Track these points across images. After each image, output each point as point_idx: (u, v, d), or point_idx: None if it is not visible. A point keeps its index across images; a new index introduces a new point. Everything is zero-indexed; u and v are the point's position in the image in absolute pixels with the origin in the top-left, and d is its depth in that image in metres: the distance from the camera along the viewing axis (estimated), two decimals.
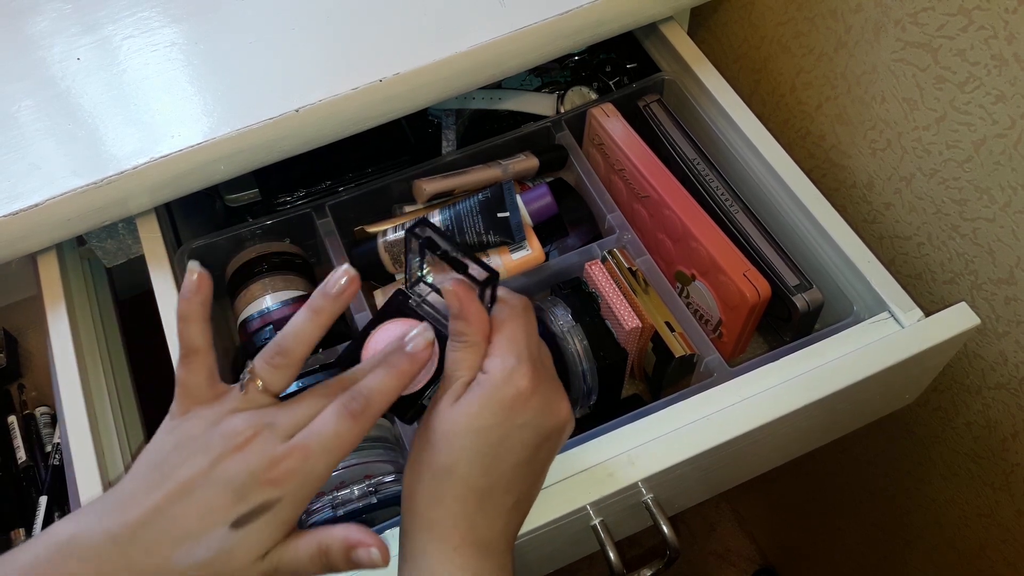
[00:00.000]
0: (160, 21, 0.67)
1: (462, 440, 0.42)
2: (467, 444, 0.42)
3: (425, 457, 0.43)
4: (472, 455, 0.42)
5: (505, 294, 0.46)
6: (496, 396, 0.42)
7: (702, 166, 0.68)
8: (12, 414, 0.74)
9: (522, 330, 0.44)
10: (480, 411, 0.42)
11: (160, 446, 0.40)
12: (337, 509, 0.55)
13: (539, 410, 0.43)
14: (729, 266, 0.60)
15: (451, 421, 0.42)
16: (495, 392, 0.42)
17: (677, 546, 0.54)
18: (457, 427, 0.42)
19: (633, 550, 1.31)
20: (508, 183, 0.65)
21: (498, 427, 0.42)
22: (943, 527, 0.85)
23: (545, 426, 0.44)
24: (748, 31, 0.76)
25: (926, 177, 0.62)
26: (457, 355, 0.44)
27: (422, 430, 0.44)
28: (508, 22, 0.64)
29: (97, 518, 0.38)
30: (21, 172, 0.59)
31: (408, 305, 0.49)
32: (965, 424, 0.72)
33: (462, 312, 0.44)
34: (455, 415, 0.42)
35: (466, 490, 0.42)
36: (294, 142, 0.62)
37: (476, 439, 0.42)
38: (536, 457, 0.45)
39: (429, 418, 0.44)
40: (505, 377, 0.42)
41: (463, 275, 0.45)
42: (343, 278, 0.42)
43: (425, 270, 0.49)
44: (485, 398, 0.42)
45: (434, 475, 0.42)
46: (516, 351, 0.43)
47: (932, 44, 0.57)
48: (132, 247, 0.69)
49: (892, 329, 0.57)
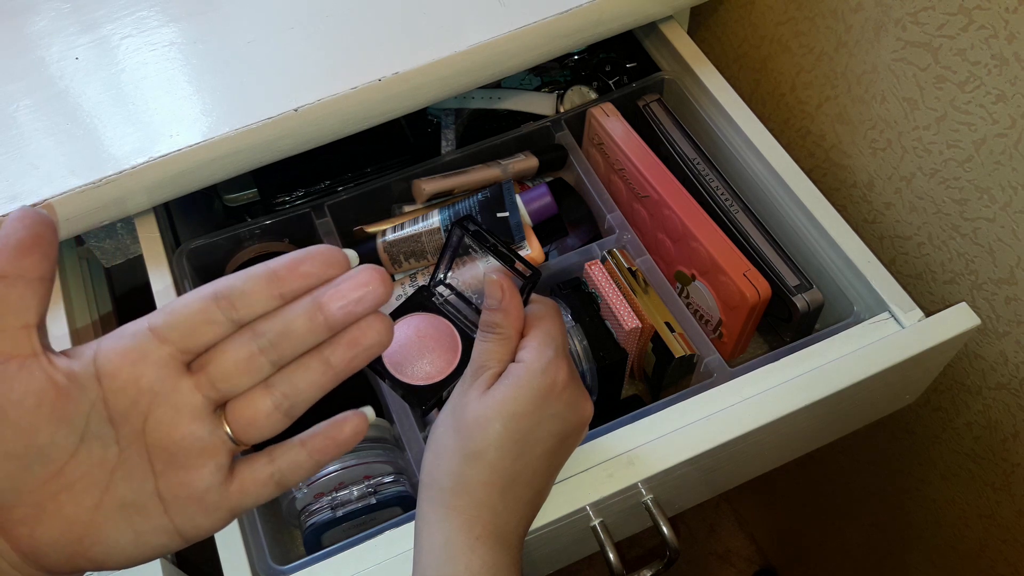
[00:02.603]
0: (159, 20, 0.67)
1: (495, 425, 0.42)
2: (500, 429, 0.42)
3: (451, 443, 0.43)
4: (504, 440, 0.42)
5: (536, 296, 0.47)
6: (533, 384, 0.43)
7: (702, 166, 0.68)
8: None
9: (558, 327, 0.45)
10: (517, 397, 0.43)
11: None
12: (336, 510, 0.55)
13: (570, 404, 0.44)
14: (729, 266, 0.60)
15: (485, 407, 0.43)
16: (532, 380, 0.43)
17: (677, 546, 0.54)
18: (491, 412, 0.42)
19: (633, 550, 1.31)
20: (508, 183, 0.65)
21: (532, 414, 0.43)
22: (943, 527, 0.85)
23: (572, 420, 0.45)
24: (748, 30, 0.76)
25: (926, 177, 0.62)
26: (489, 346, 0.44)
27: (448, 419, 0.44)
28: (508, 21, 0.63)
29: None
30: (19, 171, 0.59)
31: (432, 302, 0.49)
32: (965, 424, 0.72)
33: (503, 303, 0.44)
34: (489, 401, 0.43)
35: (493, 476, 0.43)
36: (293, 142, 0.62)
37: (510, 424, 0.42)
38: (559, 451, 0.45)
39: (457, 407, 0.44)
40: (543, 367, 0.43)
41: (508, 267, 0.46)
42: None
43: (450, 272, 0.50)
44: (522, 386, 0.43)
45: (464, 459, 0.43)
46: (554, 344, 0.44)
47: (932, 43, 0.57)
48: (131, 247, 0.69)
49: (892, 329, 0.57)
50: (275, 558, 0.52)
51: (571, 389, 0.44)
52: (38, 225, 0.31)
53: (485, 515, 0.43)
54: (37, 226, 0.31)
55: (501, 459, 0.42)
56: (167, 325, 0.32)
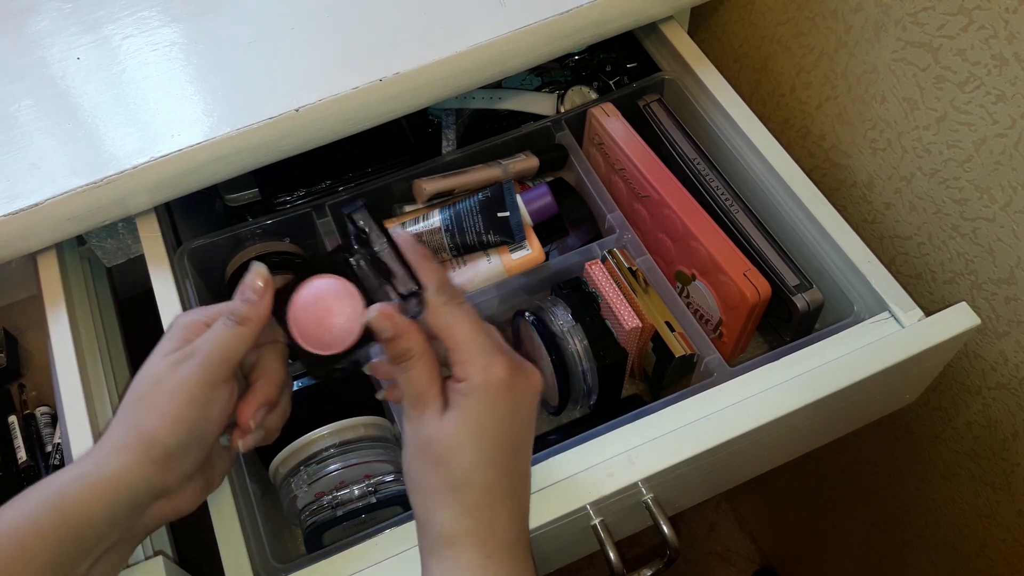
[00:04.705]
0: (160, 20, 0.67)
1: (467, 449, 0.42)
2: (474, 450, 0.42)
3: (434, 478, 0.43)
4: (482, 459, 0.42)
5: (430, 296, 0.44)
6: (486, 397, 0.42)
7: (702, 166, 0.68)
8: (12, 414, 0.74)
9: (470, 324, 0.44)
10: (478, 415, 0.42)
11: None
12: (337, 509, 0.55)
13: (523, 389, 0.44)
14: (729, 266, 0.60)
15: (451, 434, 0.42)
16: (483, 394, 0.42)
17: (677, 546, 0.54)
18: (459, 437, 0.42)
19: (633, 550, 1.31)
20: (508, 183, 0.65)
21: (499, 424, 0.43)
22: (943, 527, 0.85)
23: (532, 401, 0.45)
24: (748, 31, 0.76)
25: (926, 177, 0.62)
26: (412, 373, 0.44)
27: (417, 456, 0.44)
28: (508, 22, 0.64)
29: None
30: (21, 171, 0.59)
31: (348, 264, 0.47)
32: (965, 424, 0.72)
33: (397, 330, 0.43)
34: (452, 428, 0.42)
35: (485, 495, 0.42)
36: (294, 142, 0.62)
37: (481, 442, 0.42)
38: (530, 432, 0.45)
39: (420, 441, 0.43)
40: (485, 377, 0.42)
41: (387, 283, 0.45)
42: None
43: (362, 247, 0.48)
44: (477, 403, 0.42)
45: (452, 492, 0.42)
46: (478, 347, 0.43)
47: (932, 44, 0.57)
48: (132, 247, 0.69)
49: (892, 329, 0.57)
50: (276, 557, 0.52)
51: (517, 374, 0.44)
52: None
53: (488, 532, 0.43)
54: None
55: (486, 477, 0.42)
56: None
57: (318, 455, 0.56)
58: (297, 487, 0.56)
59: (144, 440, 0.43)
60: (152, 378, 0.44)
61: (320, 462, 0.56)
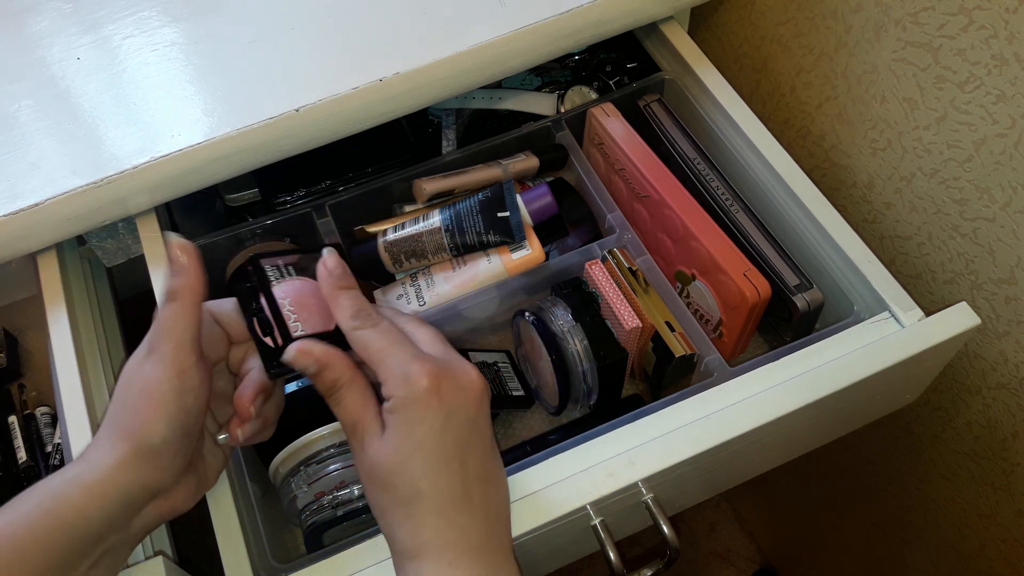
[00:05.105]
0: (160, 20, 0.67)
1: (410, 463, 0.43)
2: (416, 462, 0.43)
3: (387, 499, 0.44)
4: (431, 471, 0.43)
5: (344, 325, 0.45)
6: (413, 409, 0.43)
7: (702, 166, 0.68)
8: (12, 414, 0.74)
9: (385, 341, 0.44)
10: (411, 430, 0.43)
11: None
12: (337, 509, 0.56)
13: (454, 391, 0.44)
14: (729, 266, 0.60)
15: (391, 453, 0.43)
16: (409, 407, 0.43)
17: (677, 546, 0.54)
18: (399, 454, 0.43)
19: (633, 550, 1.31)
20: (508, 183, 0.65)
21: (432, 432, 0.43)
22: (943, 527, 0.85)
23: (468, 400, 0.44)
24: (748, 31, 0.76)
25: (926, 177, 0.62)
26: (345, 401, 0.44)
27: (368, 482, 0.45)
28: (508, 22, 0.64)
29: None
30: (21, 171, 0.59)
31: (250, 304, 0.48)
32: (965, 424, 0.72)
33: (320, 363, 0.44)
34: (390, 448, 0.43)
35: (439, 501, 0.43)
36: (294, 142, 0.62)
37: (424, 455, 0.43)
38: (477, 431, 0.45)
39: (367, 468, 0.44)
40: (407, 390, 0.43)
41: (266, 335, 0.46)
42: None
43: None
44: (406, 417, 0.43)
45: (404, 506, 0.43)
46: (395, 362, 0.44)
47: (932, 44, 0.57)
48: (132, 247, 0.69)
49: (892, 329, 0.57)
50: (276, 557, 0.52)
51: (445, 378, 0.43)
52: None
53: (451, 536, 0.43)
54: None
55: (435, 487, 0.43)
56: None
57: (318, 455, 0.56)
58: (297, 487, 0.56)
59: (129, 441, 0.43)
60: (125, 380, 0.44)
61: (320, 462, 0.56)
